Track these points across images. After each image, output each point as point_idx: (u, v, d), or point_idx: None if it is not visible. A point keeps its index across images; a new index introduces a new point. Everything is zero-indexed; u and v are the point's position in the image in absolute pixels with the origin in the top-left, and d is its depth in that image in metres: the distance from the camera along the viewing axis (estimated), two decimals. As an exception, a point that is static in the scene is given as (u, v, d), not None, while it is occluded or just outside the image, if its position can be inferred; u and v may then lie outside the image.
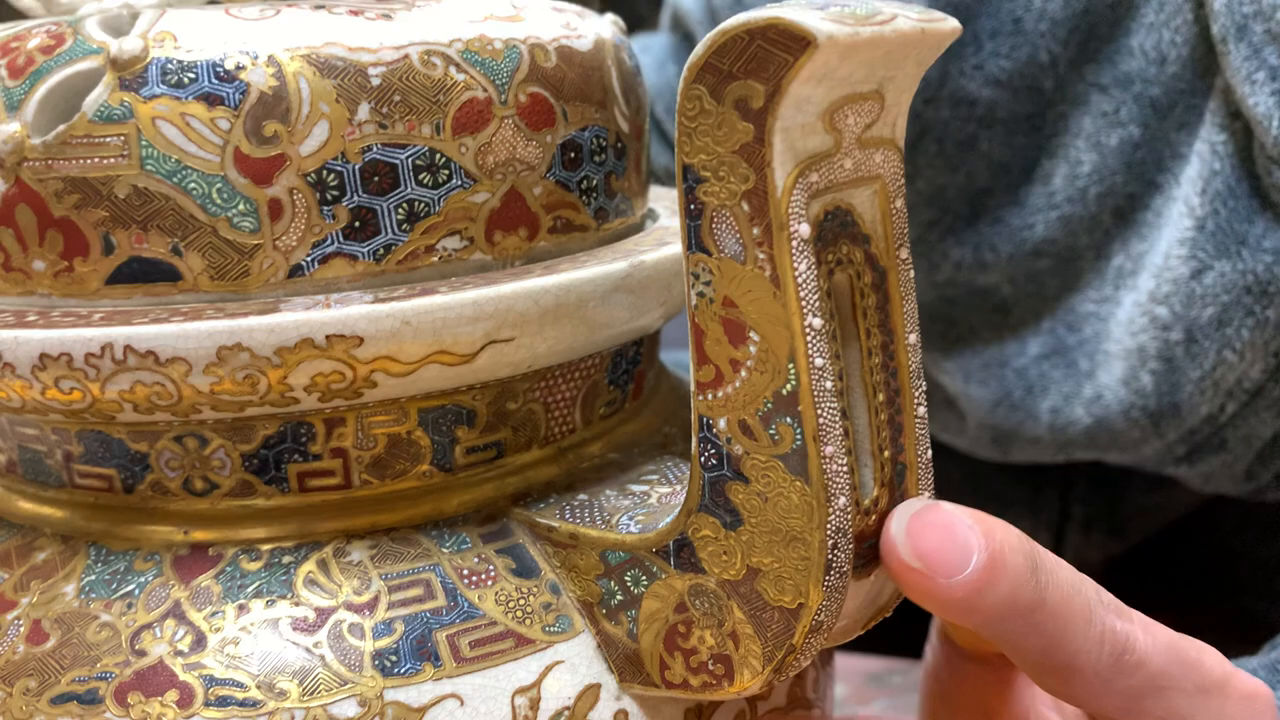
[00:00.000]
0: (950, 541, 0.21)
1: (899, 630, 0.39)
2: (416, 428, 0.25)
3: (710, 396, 0.21)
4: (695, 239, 0.21)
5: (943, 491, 0.24)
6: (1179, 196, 0.39)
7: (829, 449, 0.21)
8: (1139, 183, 0.40)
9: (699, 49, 0.20)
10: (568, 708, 0.24)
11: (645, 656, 0.24)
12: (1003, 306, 0.43)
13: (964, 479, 0.51)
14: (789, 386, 0.20)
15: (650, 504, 0.25)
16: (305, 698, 0.23)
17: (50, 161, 0.23)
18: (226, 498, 0.24)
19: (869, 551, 0.22)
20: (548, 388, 0.26)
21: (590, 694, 0.24)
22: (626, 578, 0.24)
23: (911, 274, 0.22)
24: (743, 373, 0.21)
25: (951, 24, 0.21)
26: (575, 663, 0.24)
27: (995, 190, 0.42)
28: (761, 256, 0.20)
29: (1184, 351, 0.38)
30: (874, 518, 0.22)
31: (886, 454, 0.22)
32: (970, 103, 0.40)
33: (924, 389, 0.23)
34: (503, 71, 0.25)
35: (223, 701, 0.22)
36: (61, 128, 0.23)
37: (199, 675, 0.23)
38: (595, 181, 0.27)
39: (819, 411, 0.20)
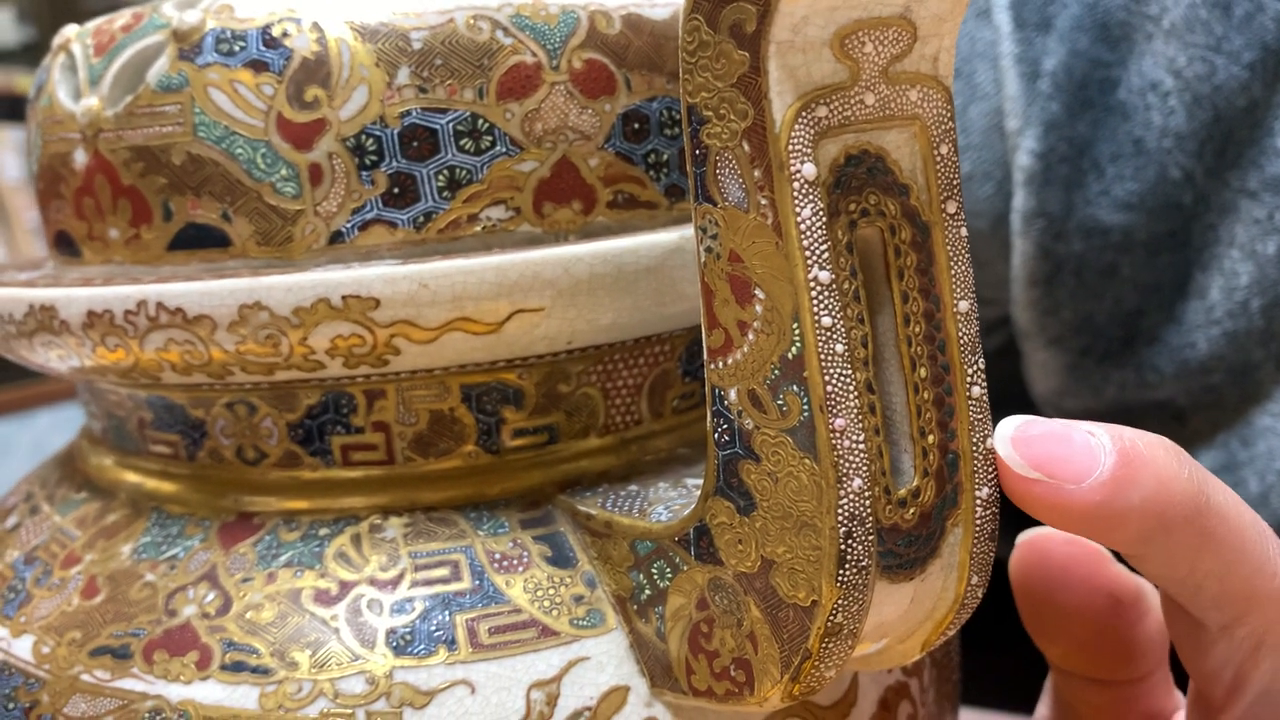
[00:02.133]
0: (1069, 445, 0.18)
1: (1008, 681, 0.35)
2: (459, 404, 0.24)
3: (720, 364, 0.19)
4: (701, 188, 0.19)
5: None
6: None
7: (839, 421, 0.18)
8: None
9: (695, -26, 0.18)
10: (589, 708, 0.22)
11: (674, 659, 0.22)
12: (1180, 416, 0.40)
13: None
14: (794, 349, 0.18)
15: (695, 496, 0.23)
16: (314, 670, 0.22)
17: (120, 132, 0.24)
18: (275, 468, 0.24)
19: (910, 550, 0.19)
20: (605, 372, 0.25)
21: (616, 696, 0.22)
22: (653, 570, 0.22)
23: (963, 232, 0.19)
24: (750, 335, 0.19)
25: None
26: (603, 661, 0.22)
27: (1147, 310, 0.39)
28: (764, 202, 0.18)
29: None
30: (914, 511, 0.19)
31: (932, 439, 0.19)
32: (1104, 231, 0.38)
33: (981, 367, 0.20)
34: (555, 36, 0.24)
35: (237, 666, 0.22)
36: (128, 98, 0.24)
37: (219, 639, 0.22)
38: (667, 156, 0.25)
39: (826, 378, 0.18)
